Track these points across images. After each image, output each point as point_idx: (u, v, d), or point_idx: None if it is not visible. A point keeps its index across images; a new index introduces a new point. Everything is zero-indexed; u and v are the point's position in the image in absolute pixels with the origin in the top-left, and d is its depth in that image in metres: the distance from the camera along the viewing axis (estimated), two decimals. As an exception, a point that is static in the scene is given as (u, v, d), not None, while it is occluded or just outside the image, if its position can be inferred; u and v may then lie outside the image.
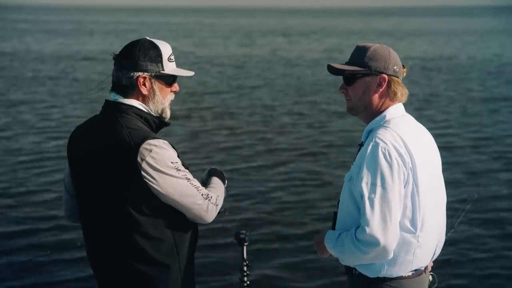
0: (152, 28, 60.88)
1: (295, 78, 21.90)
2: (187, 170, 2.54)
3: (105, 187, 2.51)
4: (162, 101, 2.61)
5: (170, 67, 2.61)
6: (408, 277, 2.64)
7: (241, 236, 3.62)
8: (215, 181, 2.83)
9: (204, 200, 2.55)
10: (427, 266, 2.73)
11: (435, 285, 2.86)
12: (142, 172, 2.43)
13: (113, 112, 2.55)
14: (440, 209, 2.71)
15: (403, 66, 2.73)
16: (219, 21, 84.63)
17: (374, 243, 2.43)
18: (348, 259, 2.59)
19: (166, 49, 2.61)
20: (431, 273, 2.83)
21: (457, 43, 39.61)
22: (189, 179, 2.52)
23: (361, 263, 2.60)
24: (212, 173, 2.91)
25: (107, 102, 2.59)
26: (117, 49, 2.70)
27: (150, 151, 2.42)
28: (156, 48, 2.57)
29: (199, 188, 2.55)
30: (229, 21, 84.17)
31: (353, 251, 2.50)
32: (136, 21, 79.99)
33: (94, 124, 2.60)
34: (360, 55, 2.68)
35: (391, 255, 2.50)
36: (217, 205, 2.62)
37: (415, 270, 2.65)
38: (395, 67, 2.67)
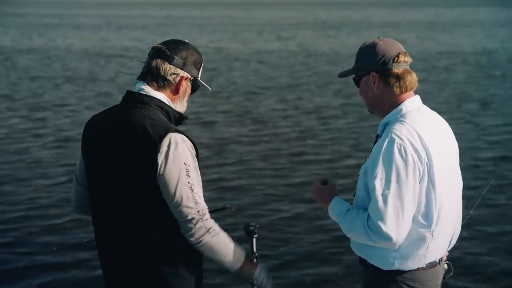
0: (180, 22, 59.83)
1: (329, 75, 20.55)
2: (195, 180, 2.51)
3: (122, 178, 2.51)
4: (185, 103, 2.74)
5: (200, 76, 2.75)
6: (422, 268, 2.64)
7: (251, 228, 3.52)
8: (232, 246, 2.68)
9: (198, 215, 2.50)
10: (442, 257, 2.72)
11: (451, 273, 2.82)
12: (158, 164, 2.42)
13: (135, 102, 2.57)
14: (456, 201, 2.69)
15: (399, 54, 2.61)
16: (247, 15, 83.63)
17: (386, 238, 2.46)
18: (352, 237, 2.64)
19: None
20: (447, 262, 2.81)
21: (502, 35, 37.52)
22: (192, 190, 2.49)
23: (364, 243, 2.61)
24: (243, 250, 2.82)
25: (129, 92, 2.63)
26: (150, 44, 2.79)
27: (171, 145, 2.44)
28: (199, 55, 2.74)
29: (198, 203, 2.51)
30: (257, 15, 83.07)
31: (362, 235, 2.53)
32: (163, 15, 79.21)
33: (114, 114, 2.60)
34: (356, 57, 2.75)
35: (397, 247, 2.53)
36: (209, 232, 2.54)
37: (429, 262, 2.64)
38: (383, 59, 2.61)
